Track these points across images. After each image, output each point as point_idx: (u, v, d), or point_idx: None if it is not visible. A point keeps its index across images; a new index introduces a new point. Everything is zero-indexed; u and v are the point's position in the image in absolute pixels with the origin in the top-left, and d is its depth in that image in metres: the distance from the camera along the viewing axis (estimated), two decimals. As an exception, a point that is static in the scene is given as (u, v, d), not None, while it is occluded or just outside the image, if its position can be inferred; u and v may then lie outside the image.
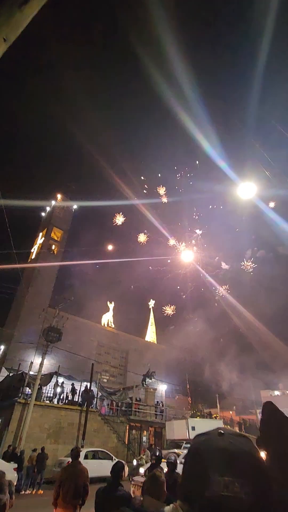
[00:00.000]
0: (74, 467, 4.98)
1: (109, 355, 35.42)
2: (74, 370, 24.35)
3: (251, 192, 9.78)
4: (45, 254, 35.25)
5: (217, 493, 0.53)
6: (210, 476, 0.55)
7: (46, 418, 16.17)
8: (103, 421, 18.95)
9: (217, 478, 0.55)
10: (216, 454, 0.60)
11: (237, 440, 0.62)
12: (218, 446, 0.61)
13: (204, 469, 0.58)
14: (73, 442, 16.23)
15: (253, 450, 0.61)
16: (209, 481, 0.55)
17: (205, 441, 0.65)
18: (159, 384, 31.91)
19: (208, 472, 0.56)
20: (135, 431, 20.81)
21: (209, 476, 0.56)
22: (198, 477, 0.58)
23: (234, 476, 0.55)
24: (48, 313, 21.79)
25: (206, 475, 0.56)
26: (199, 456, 0.62)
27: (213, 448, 0.61)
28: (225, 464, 0.57)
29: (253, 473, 0.56)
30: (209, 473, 0.56)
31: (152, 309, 46.07)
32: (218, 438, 0.63)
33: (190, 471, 0.63)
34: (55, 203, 40.31)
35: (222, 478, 0.54)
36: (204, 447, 0.63)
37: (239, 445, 0.61)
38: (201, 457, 0.62)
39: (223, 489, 0.53)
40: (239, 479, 0.54)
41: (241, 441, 0.62)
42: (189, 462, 0.65)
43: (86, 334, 32.39)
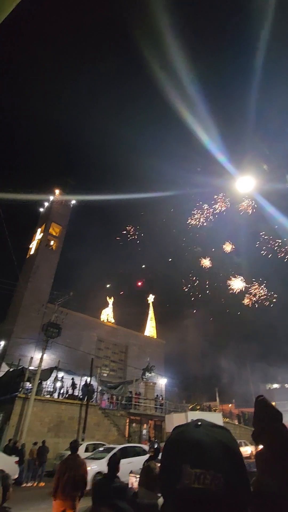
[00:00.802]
0: (73, 460, 5.03)
1: (109, 350, 35.64)
2: (74, 365, 24.52)
3: (250, 186, 9.72)
4: (43, 250, 35.19)
5: (188, 485, 0.52)
6: (182, 468, 0.54)
7: (46, 412, 16.33)
8: (104, 414, 19.13)
9: (189, 470, 0.53)
10: (190, 445, 0.58)
11: (214, 432, 0.60)
12: (192, 437, 0.59)
13: (177, 461, 0.56)
14: (74, 435, 16.41)
15: (230, 442, 0.59)
16: (181, 474, 0.53)
17: (181, 433, 0.63)
18: (158, 378, 32.17)
19: (181, 464, 0.55)
20: (135, 424, 21.04)
21: (181, 469, 0.54)
22: (172, 469, 0.56)
23: (206, 468, 0.53)
24: (47, 308, 21.83)
25: (179, 467, 0.55)
26: (174, 447, 0.61)
27: (187, 440, 0.59)
28: (198, 456, 0.55)
29: (226, 465, 0.54)
30: (181, 465, 0.54)
31: (152, 304, 46.26)
32: (194, 430, 0.61)
33: (165, 463, 0.61)
34: (53, 198, 40.13)
35: (193, 470, 0.53)
36: (179, 439, 0.61)
37: (215, 437, 0.59)
38: (175, 449, 0.60)
39: (193, 481, 0.51)
40: (211, 471, 0.52)
41: (218, 433, 0.61)
42: (165, 454, 0.63)
43: (86, 329, 32.54)
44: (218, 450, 0.56)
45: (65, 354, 25.60)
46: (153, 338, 42.64)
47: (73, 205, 41.96)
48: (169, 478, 0.56)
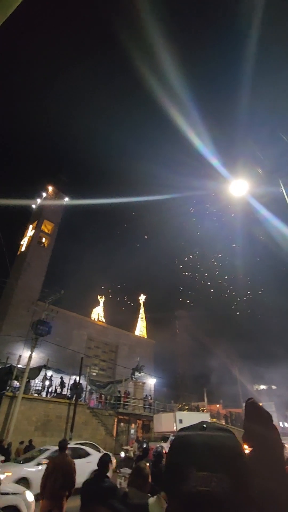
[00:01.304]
0: (62, 459, 5.01)
1: (99, 349, 35.49)
2: (63, 364, 24.34)
3: (243, 189, 9.82)
4: (35, 247, 34.78)
5: (194, 488, 0.52)
6: (189, 470, 0.55)
7: (34, 411, 16.16)
8: (92, 414, 19.06)
9: (195, 473, 0.54)
10: (195, 448, 0.59)
11: (219, 435, 0.61)
12: (198, 440, 0.60)
13: (183, 463, 0.57)
14: (61, 434, 16.29)
15: (235, 444, 0.60)
16: (187, 476, 0.54)
17: (186, 435, 0.64)
18: (148, 378, 32.23)
19: (187, 466, 0.55)
20: (123, 424, 21.04)
21: (187, 471, 0.55)
22: (178, 471, 0.57)
23: (212, 471, 0.54)
24: (38, 306, 21.60)
25: (185, 469, 0.55)
26: (180, 450, 0.61)
27: (193, 442, 0.60)
28: (204, 459, 0.56)
29: (232, 468, 0.55)
30: (187, 468, 0.55)
31: (143, 304, 46.32)
32: (199, 433, 0.62)
33: (170, 465, 0.62)
34: (46, 195, 39.68)
35: (200, 473, 0.53)
36: (185, 441, 0.62)
37: (220, 440, 0.60)
38: (181, 451, 0.60)
39: (200, 484, 0.52)
40: (217, 474, 0.53)
41: (223, 436, 0.61)
42: (170, 455, 0.64)
43: (76, 328, 32.32)
44: (223, 453, 0.57)
45: (54, 352, 25.37)
46: (143, 338, 42.68)
47: (66, 203, 41.63)
48: (175, 480, 0.56)
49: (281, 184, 9.60)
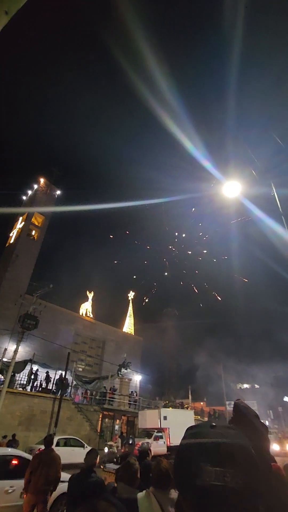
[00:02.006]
0: (47, 454, 4.98)
1: (86, 345, 35.33)
2: (49, 358, 24.12)
3: (236, 191, 9.91)
4: (24, 239, 34.19)
5: (208, 482, 0.55)
6: (202, 466, 0.57)
7: (18, 405, 15.99)
8: (77, 409, 19.02)
9: (209, 468, 0.57)
10: (207, 445, 0.61)
11: (228, 432, 0.65)
12: (210, 437, 0.63)
13: (196, 460, 0.59)
14: (45, 429, 16.20)
15: (244, 442, 0.63)
16: (201, 471, 0.57)
17: (197, 433, 0.67)
18: (134, 374, 32.36)
19: (199, 463, 0.58)
20: (108, 420, 21.09)
21: (200, 467, 0.57)
22: (190, 467, 0.60)
23: (225, 467, 0.57)
24: (25, 299, 21.29)
25: (198, 465, 0.58)
26: (191, 447, 0.64)
27: (204, 440, 0.63)
28: (216, 456, 0.59)
29: (244, 464, 0.58)
30: (200, 464, 0.58)
31: (132, 301, 46.33)
32: (209, 431, 0.66)
33: (182, 462, 0.65)
34: (37, 187, 38.99)
35: (213, 469, 0.56)
36: (197, 438, 0.65)
37: (230, 437, 0.63)
38: (193, 449, 0.63)
39: (214, 479, 0.55)
40: (230, 469, 0.56)
41: (232, 433, 0.65)
42: (182, 453, 0.66)
43: (64, 323, 32.05)
44: (235, 449, 0.60)
45: (40, 347, 25.12)
46: (131, 334, 42.75)
47: (57, 196, 41.04)
48: (188, 475, 0.59)
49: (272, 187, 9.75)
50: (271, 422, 46.32)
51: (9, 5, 1.50)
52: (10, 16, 1.54)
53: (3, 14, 1.51)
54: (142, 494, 2.04)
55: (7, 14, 1.53)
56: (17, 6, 1.41)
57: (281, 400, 52.18)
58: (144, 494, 2.03)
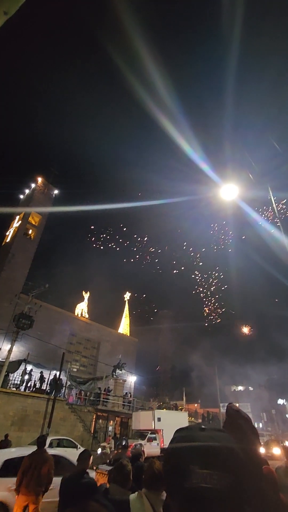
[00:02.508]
0: (40, 455, 4.96)
1: (81, 345, 35.20)
2: (44, 358, 24.00)
3: (234, 194, 9.98)
4: (21, 238, 34.03)
5: (196, 484, 0.56)
6: (191, 469, 0.59)
7: (11, 405, 15.87)
8: (70, 410, 18.92)
9: (197, 470, 0.58)
10: (197, 448, 0.63)
11: (218, 435, 0.66)
12: (199, 440, 0.64)
13: (185, 462, 0.61)
14: (38, 430, 16.09)
15: (233, 445, 0.65)
16: (190, 474, 0.58)
17: (186, 436, 0.68)
18: (128, 375, 32.30)
19: (188, 465, 0.59)
20: (102, 421, 21.01)
21: (189, 469, 0.59)
22: (180, 469, 0.61)
23: (214, 469, 0.58)
24: (20, 299, 21.17)
25: (187, 468, 0.59)
26: (181, 450, 0.65)
27: (194, 443, 0.64)
28: (205, 458, 0.60)
29: (232, 467, 0.60)
30: (189, 466, 0.59)
31: (127, 302, 46.28)
32: (199, 433, 0.67)
33: (171, 464, 0.66)
34: (35, 186, 38.86)
35: (202, 471, 0.58)
36: (187, 440, 0.66)
37: (219, 440, 0.64)
38: (182, 451, 0.64)
39: (202, 481, 0.56)
40: (218, 472, 0.57)
41: (221, 436, 0.66)
42: (171, 455, 0.67)
43: (59, 323, 31.91)
44: (224, 452, 0.62)
45: (35, 346, 24.99)
46: (126, 335, 42.67)
47: (55, 196, 40.92)
48: (177, 478, 0.61)
49: (269, 191, 9.83)
50: (264, 424, 46.50)
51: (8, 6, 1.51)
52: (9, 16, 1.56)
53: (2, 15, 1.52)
54: (134, 496, 2.05)
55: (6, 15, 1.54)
56: (16, 6, 1.43)
57: (274, 402, 52.43)
58: (136, 496, 2.04)
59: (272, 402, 51.54)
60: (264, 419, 48.27)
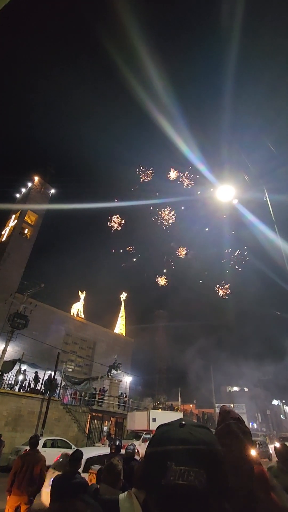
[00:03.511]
0: (32, 455, 4.93)
1: (76, 345, 35.06)
2: (38, 358, 23.86)
3: (230, 195, 10.02)
4: (17, 237, 33.82)
5: (172, 481, 0.55)
6: (168, 465, 0.57)
7: (5, 405, 15.76)
8: (65, 410, 18.85)
9: (173, 467, 0.56)
10: (174, 444, 0.61)
11: (197, 431, 0.64)
12: (177, 436, 0.63)
13: (162, 458, 0.59)
14: (32, 430, 16.00)
15: (212, 440, 0.63)
16: (166, 471, 0.57)
17: (166, 432, 0.67)
18: (124, 376, 32.25)
19: (166, 462, 0.58)
20: (97, 421, 20.95)
21: (166, 466, 0.57)
22: (157, 466, 0.59)
23: (190, 465, 0.56)
24: (15, 298, 21.06)
25: (164, 464, 0.58)
26: (159, 446, 0.64)
27: (172, 439, 0.63)
28: (182, 454, 0.59)
29: (208, 463, 0.58)
30: (166, 463, 0.58)
31: (124, 302, 46.21)
32: (178, 429, 0.65)
33: (150, 461, 0.65)
34: (31, 185, 38.64)
35: (178, 467, 0.56)
36: (164, 437, 0.65)
37: (197, 436, 0.63)
38: (160, 447, 0.63)
39: (178, 478, 0.55)
40: (194, 468, 0.56)
41: (201, 432, 0.65)
42: (150, 451, 0.66)
43: (54, 323, 31.75)
44: (201, 448, 0.60)
45: (30, 346, 24.83)
46: (122, 335, 42.60)
47: (52, 195, 40.73)
48: (154, 474, 0.59)
49: (265, 192, 9.88)
50: (259, 425, 46.71)
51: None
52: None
53: None
54: (124, 495, 2.04)
55: None
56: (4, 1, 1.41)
57: (269, 403, 52.71)
58: (126, 495, 2.02)
59: (267, 403, 51.82)
60: (259, 419, 48.51)
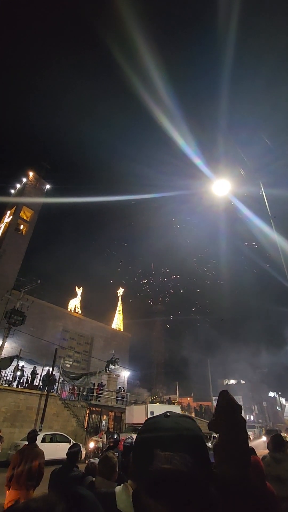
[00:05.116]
0: (30, 450, 4.96)
1: (74, 341, 35.15)
2: (36, 354, 23.90)
3: (226, 189, 10.00)
4: (12, 234, 33.55)
5: (159, 466, 0.59)
6: (155, 452, 0.61)
7: (3, 401, 15.81)
8: (63, 405, 18.96)
9: (160, 453, 0.61)
10: (160, 433, 0.67)
11: (182, 420, 0.70)
12: (163, 426, 0.68)
13: (149, 447, 0.63)
14: (31, 425, 16.09)
15: (194, 427, 0.69)
16: (153, 458, 0.61)
17: (152, 423, 0.72)
18: (122, 370, 32.46)
19: (152, 449, 0.62)
20: (95, 415, 21.12)
21: (153, 453, 0.61)
22: (145, 455, 0.63)
23: (175, 450, 0.61)
24: (12, 295, 20.98)
25: (151, 452, 0.62)
26: (147, 436, 0.69)
27: (158, 428, 0.68)
28: (167, 441, 0.64)
29: (192, 448, 0.63)
30: (153, 451, 0.62)
31: (121, 297, 46.28)
32: (164, 419, 0.71)
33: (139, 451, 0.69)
34: (26, 181, 38.24)
35: (164, 453, 0.60)
36: (151, 428, 0.70)
37: (181, 424, 0.69)
38: (148, 437, 0.68)
39: (164, 463, 0.59)
40: (179, 453, 0.60)
41: (185, 421, 0.70)
42: (138, 442, 0.71)
43: (52, 319, 31.77)
44: (184, 434, 0.66)
45: (27, 343, 24.85)
46: (119, 331, 42.77)
47: (47, 190, 40.37)
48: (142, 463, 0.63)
49: (261, 187, 9.88)
50: (255, 416, 47.46)
51: None
52: None
53: None
54: (120, 488, 2.06)
55: None
56: None
57: (266, 395, 53.51)
58: (122, 488, 2.05)
59: (263, 395, 52.60)
60: (256, 411, 49.28)
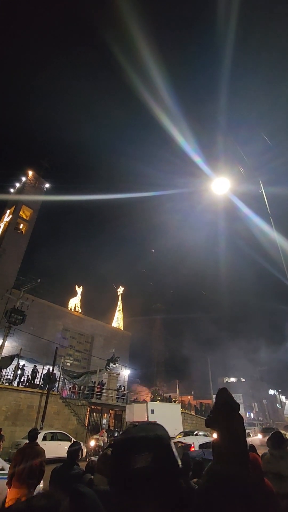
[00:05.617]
0: (31, 448, 4.99)
1: (74, 340, 35.21)
2: (37, 353, 23.95)
3: (225, 187, 10.00)
4: (12, 233, 33.53)
5: (128, 468, 0.70)
6: (127, 456, 0.73)
7: (4, 400, 15.86)
8: (64, 403, 19.02)
9: (131, 456, 0.72)
10: (129, 439, 0.80)
11: (148, 427, 0.84)
12: (131, 433, 0.82)
13: (122, 453, 0.76)
14: (32, 424, 16.15)
15: (159, 431, 0.81)
16: (126, 461, 0.72)
17: (124, 433, 0.88)
18: (122, 369, 32.54)
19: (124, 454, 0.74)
20: (96, 414, 21.19)
21: (126, 457, 0.73)
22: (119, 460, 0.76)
23: (142, 451, 0.72)
24: (12, 294, 20.99)
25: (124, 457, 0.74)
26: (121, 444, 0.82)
27: (128, 436, 0.82)
28: (136, 444, 0.76)
29: (155, 448, 0.75)
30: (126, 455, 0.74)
31: (121, 296, 46.31)
32: (133, 429, 0.85)
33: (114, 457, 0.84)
34: (25, 180, 38.15)
35: (134, 456, 0.72)
36: (123, 437, 0.85)
37: (148, 429, 0.81)
38: (120, 445, 0.82)
39: (135, 464, 0.70)
40: (144, 453, 0.72)
41: (151, 427, 0.84)
42: (114, 450, 0.84)
43: (52, 318, 31.81)
44: (150, 437, 0.78)
45: (28, 342, 24.89)
46: (120, 329, 42.83)
47: (46, 189, 40.30)
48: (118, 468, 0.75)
49: (261, 185, 9.87)
50: (255, 414, 47.60)
51: None
52: None
53: None
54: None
55: None
56: None
57: (266, 393, 53.64)
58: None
59: (263, 393, 52.73)
60: (256, 409, 49.42)
